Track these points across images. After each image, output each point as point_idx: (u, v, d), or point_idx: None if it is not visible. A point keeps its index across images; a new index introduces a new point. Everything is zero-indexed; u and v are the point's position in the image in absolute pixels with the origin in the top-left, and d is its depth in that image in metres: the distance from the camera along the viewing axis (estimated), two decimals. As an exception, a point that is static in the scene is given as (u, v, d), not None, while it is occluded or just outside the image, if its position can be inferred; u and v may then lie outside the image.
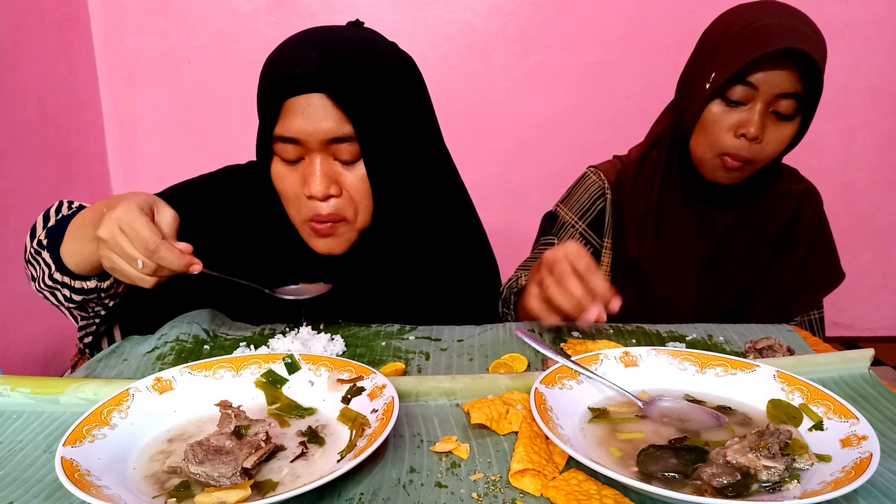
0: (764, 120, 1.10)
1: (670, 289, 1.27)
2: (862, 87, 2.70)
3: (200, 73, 2.67)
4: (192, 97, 2.71)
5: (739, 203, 1.22)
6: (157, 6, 2.62)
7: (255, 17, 2.61)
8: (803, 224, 1.26)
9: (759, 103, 1.09)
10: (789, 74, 1.07)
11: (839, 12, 2.61)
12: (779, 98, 1.09)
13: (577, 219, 1.31)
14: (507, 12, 2.64)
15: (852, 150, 2.77)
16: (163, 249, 0.82)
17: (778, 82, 1.07)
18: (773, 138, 1.11)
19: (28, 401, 0.80)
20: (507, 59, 2.69)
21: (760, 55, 1.04)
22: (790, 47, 1.03)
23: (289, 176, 0.97)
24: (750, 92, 1.09)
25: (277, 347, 0.95)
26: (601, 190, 1.30)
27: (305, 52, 0.92)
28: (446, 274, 1.17)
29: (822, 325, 1.30)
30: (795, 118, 1.11)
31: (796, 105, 1.09)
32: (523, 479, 0.65)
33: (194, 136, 2.75)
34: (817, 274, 1.28)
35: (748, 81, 1.08)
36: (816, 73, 1.07)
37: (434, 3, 2.64)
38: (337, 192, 0.95)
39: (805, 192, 1.28)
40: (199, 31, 2.64)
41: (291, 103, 0.91)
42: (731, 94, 1.10)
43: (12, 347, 2.18)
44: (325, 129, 0.91)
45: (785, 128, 1.11)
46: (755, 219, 1.24)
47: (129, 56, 2.68)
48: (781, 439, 0.66)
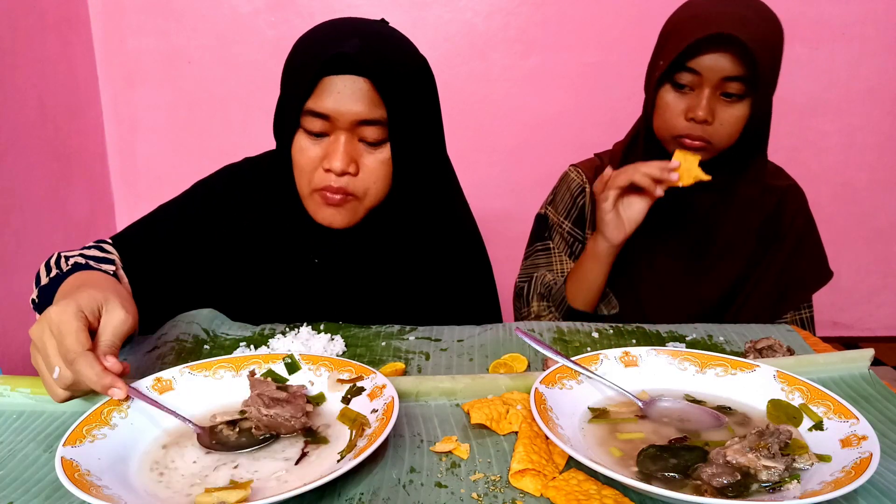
0: (712, 103, 1.14)
1: (654, 278, 1.28)
2: (862, 87, 2.70)
3: (200, 73, 2.67)
4: (192, 97, 2.71)
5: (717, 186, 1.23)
6: (157, 6, 2.62)
7: (255, 17, 2.61)
8: (787, 221, 1.28)
9: (706, 87, 1.14)
10: (730, 58, 1.11)
11: (839, 12, 2.61)
12: (724, 81, 1.13)
13: (564, 218, 1.35)
14: (507, 12, 2.64)
15: (852, 150, 2.77)
16: (81, 363, 0.70)
17: (720, 66, 1.12)
18: (725, 119, 1.15)
19: (28, 401, 0.80)
20: (507, 59, 2.69)
21: (695, 41, 1.11)
22: (721, 32, 1.08)
23: (310, 149, 0.99)
24: (696, 77, 1.14)
25: (277, 347, 0.95)
26: (580, 187, 1.34)
27: (348, 36, 0.96)
28: (442, 269, 1.18)
29: (812, 323, 1.31)
30: (745, 98, 1.15)
31: (744, 87, 1.13)
32: (523, 479, 0.65)
33: (194, 136, 2.75)
34: (805, 272, 1.29)
35: (691, 68, 1.14)
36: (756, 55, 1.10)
37: (434, 3, 2.63)
38: (355, 170, 0.99)
39: (788, 188, 1.29)
40: (199, 31, 2.64)
41: (329, 81, 0.95)
42: (680, 79, 1.16)
43: (12, 347, 2.18)
44: (358, 110, 0.95)
45: (735, 108, 1.15)
46: (735, 206, 1.25)
47: (129, 56, 2.68)
48: (781, 439, 0.66)
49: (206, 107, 2.70)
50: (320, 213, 1.03)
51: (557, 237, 1.35)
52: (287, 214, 1.08)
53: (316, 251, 1.11)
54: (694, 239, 1.27)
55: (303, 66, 0.97)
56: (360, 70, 0.94)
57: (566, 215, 1.35)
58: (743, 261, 1.27)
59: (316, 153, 0.99)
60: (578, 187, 1.34)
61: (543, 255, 1.36)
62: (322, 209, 1.02)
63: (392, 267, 1.13)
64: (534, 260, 1.37)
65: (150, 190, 2.81)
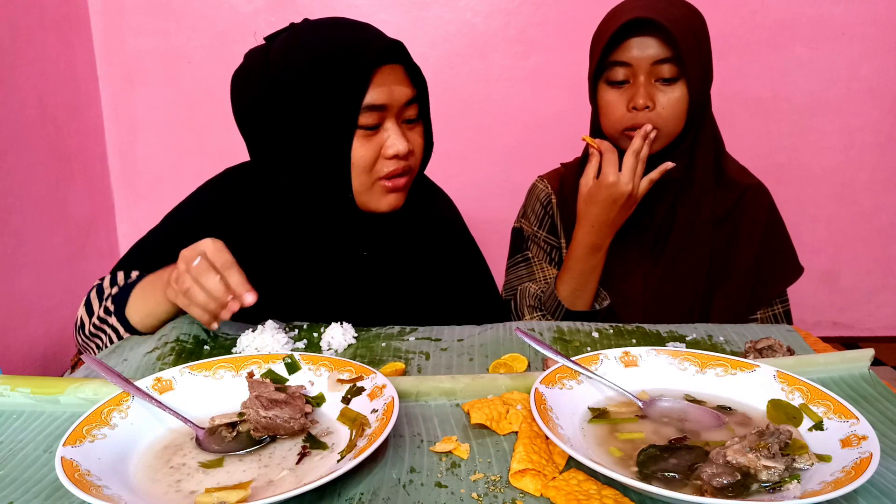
0: (649, 89, 1.18)
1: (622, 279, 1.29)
2: (862, 87, 2.70)
3: (200, 73, 2.67)
4: (192, 97, 2.71)
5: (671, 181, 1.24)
6: (157, 6, 2.62)
7: (255, 17, 2.61)
8: (748, 218, 1.29)
9: (640, 75, 1.18)
10: (654, 41, 1.16)
11: (839, 12, 2.61)
12: (655, 66, 1.17)
13: (538, 228, 1.39)
14: (507, 12, 2.64)
15: (852, 150, 2.77)
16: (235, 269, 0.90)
17: (646, 51, 1.17)
18: (665, 102, 1.18)
19: (28, 401, 0.80)
20: (507, 59, 2.69)
21: (615, 31, 1.16)
22: (637, 17, 1.14)
23: (365, 144, 1.02)
24: (628, 70, 1.19)
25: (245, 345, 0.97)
26: (548, 196, 1.39)
27: (375, 31, 1.03)
28: (446, 268, 1.19)
29: (790, 317, 1.33)
30: (680, 80, 1.18)
31: (676, 67, 1.17)
32: (523, 479, 0.65)
33: (194, 136, 2.75)
34: (774, 268, 1.31)
35: (621, 61, 1.19)
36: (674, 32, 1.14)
37: (434, 3, 2.64)
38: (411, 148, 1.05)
39: (750, 187, 1.31)
40: (199, 31, 2.64)
41: (379, 73, 0.99)
42: (614, 76, 1.21)
43: (12, 347, 2.18)
44: (405, 93, 1.03)
45: (672, 91, 1.19)
46: (691, 198, 1.26)
47: (129, 56, 2.68)
48: (781, 439, 0.66)
49: (206, 107, 2.70)
50: (385, 200, 1.06)
51: (535, 247, 1.38)
52: (292, 214, 1.09)
53: (322, 255, 1.11)
54: (653, 234, 1.28)
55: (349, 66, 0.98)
56: (397, 58, 1.02)
57: (539, 225, 1.39)
58: (704, 257, 1.28)
59: (371, 145, 1.02)
60: (546, 196, 1.39)
61: (524, 266, 1.38)
62: (386, 197, 1.06)
63: (386, 267, 1.14)
64: (516, 272, 1.39)
65: (150, 190, 2.81)
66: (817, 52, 2.66)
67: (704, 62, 1.20)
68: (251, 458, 0.69)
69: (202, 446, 0.71)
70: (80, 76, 2.59)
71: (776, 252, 1.32)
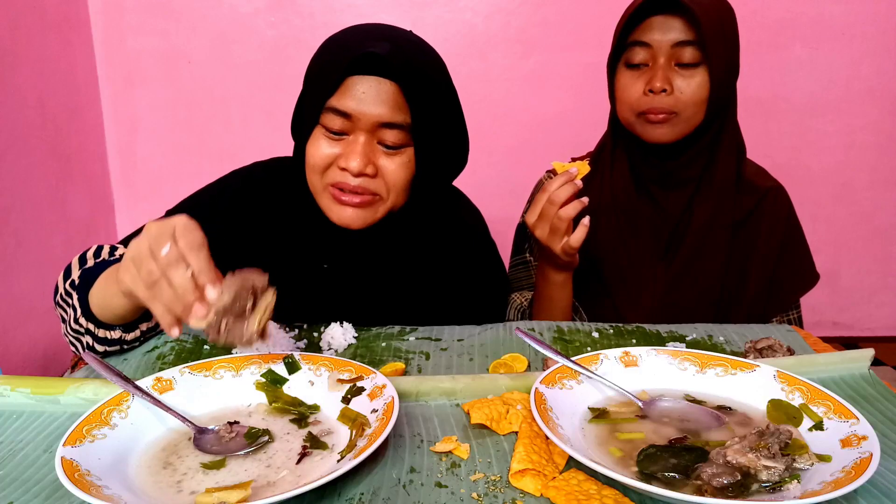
0: (667, 73, 1.14)
1: (632, 280, 1.26)
2: (862, 87, 2.70)
3: (200, 73, 2.67)
4: (192, 97, 2.70)
5: (689, 179, 1.22)
6: (157, 6, 2.62)
7: (255, 17, 2.61)
8: (767, 222, 1.25)
9: (660, 58, 1.14)
10: (677, 22, 1.13)
11: (839, 12, 2.61)
12: (675, 48, 1.13)
13: None
14: (507, 12, 2.64)
15: (852, 150, 2.77)
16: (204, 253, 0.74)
17: (668, 32, 1.13)
18: (684, 87, 1.14)
19: (28, 401, 0.80)
20: (507, 59, 2.69)
21: (634, 10, 1.13)
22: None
23: (327, 146, 0.99)
24: (647, 52, 1.15)
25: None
26: None
27: (378, 39, 0.96)
28: (455, 273, 1.18)
29: (801, 323, 1.30)
30: (701, 66, 1.14)
31: (699, 52, 1.13)
32: (523, 479, 0.65)
33: (194, 136, 2.75)
34: (790, 276, 1.27)
35: (640, 42, 1.15)
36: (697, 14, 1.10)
37: (434, 3, 2.63)
38: (372, 172, 0.98)
39: (771, 190, 1.27)
40: (199, 31, 2.63)
41: (354, 80, 0.95)
42: (633, 58, 1.17)
43: (12, 347, 2.18)
44: (380, 112, 0.95)
45: (693, 75, 1.14)
46: (710, 202, 1.22)
47: (129, 56, 2.67)
48: (781, 439, 0.66)
49: (206, 107, 2.70)
50: (335, 211, 1.01)
51: (536, 248, 1.33)
52: (301, 215, 1.08)
53: (328, 254, 1.10)
54: (668, 234, 1.24)
55: (329, 63, 0.97)
56: (388, 72, 0.94)
57: None
58: (719, 262, 1.24)
59: (332, 151, 0.98)
60: None
61: (523, 269, 1.37)
62: (336, 207, 1.01)
63: (403, 271, 1.13)
64: (515, 274, 1.38)
65: (150, 190, 2.81)
66: (817, 52, 2.65)
67: (729, 50, 1.16)
68: (251, 458, 0.69)
69: (199, 447, 0.71)
70: (80, 76, 2.59)
71: (793, 259, 1.28)
